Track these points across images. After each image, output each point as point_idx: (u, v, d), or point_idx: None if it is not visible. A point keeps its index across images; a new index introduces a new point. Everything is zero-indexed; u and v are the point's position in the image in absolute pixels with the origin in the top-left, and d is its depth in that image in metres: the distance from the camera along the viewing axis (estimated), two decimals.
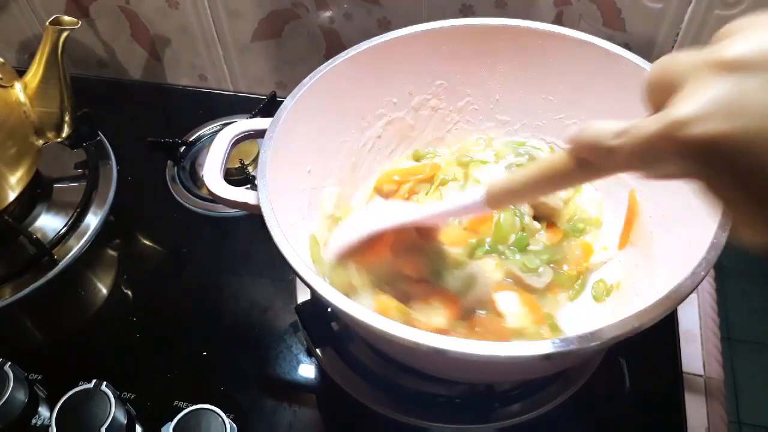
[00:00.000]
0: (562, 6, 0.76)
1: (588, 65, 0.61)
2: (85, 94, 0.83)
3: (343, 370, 0.61)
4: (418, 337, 0.39)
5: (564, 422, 0.59)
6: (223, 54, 0.94)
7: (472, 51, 0.65)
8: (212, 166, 0.55)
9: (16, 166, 0.74)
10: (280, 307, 0.70)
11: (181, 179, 0.85)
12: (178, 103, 0.99)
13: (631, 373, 0.63)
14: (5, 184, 0.73)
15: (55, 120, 0.77)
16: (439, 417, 0.58)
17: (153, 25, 0.93)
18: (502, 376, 0.57)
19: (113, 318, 0.70)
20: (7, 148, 0.72)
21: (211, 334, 0.68)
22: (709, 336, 0.66)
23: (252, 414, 0.61)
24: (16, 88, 0.74)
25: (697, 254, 0.43)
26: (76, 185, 0.83)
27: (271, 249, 0.46)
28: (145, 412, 0.61)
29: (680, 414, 0.59)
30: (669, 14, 0.72)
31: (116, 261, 0.77)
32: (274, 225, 0.47)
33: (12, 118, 0.73)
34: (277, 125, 0.55)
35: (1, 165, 0.72)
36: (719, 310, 0.70)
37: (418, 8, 0.80)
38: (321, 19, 0.85)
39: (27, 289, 0.71)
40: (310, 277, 0.44)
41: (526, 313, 0.54)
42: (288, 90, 0.60)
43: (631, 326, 0.39)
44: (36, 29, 0.98)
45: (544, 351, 0.38)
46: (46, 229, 0.78)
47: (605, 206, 0.64)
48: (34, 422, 0.60)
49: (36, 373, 0.64)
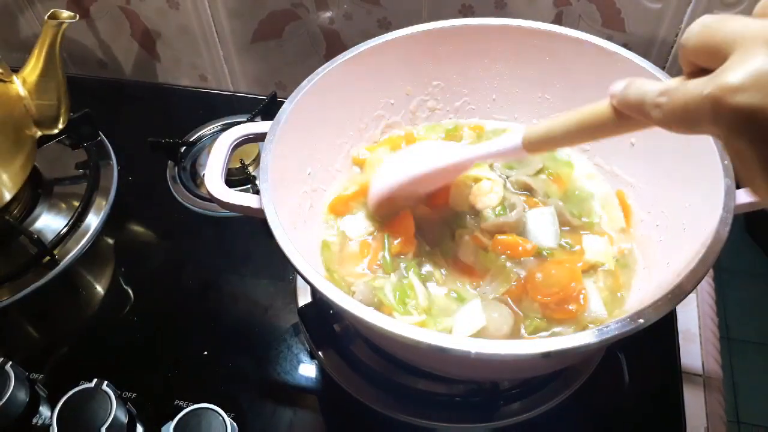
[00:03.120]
0: (561, 6, 0.76)
1: (588, 65, 0.61)
2: (85, 94, 0.83)
3: (345, 371, 0.61)
4: (419, 334, 0.40)
5: (563, 421, 0.59)
6: (224, 54, 0.94)
7: (471, 51, 0.66)
8: (213, 171, 0.55)
9: (15, 160, 0.74)
10: (280, 307, 0.70)
11: (181, 179, 0.85)
12: (179, 104, 0.99)
13: (631, 372, 0.63)
14: (4, 180, 0.73)
15: (53, 112, 0.78)
16: (440, 416, 0.58)
17: (153, 26, 0.93)
18: (503, 373, 0.57)
19: (114, 318, 0.70)
20: (9, 142, 0.73)
21: (211, 333, 0.68)
22: (708, 335, 0.66)
23: (252, 413, 0.61)
24: (16, 82, 0.75)
25: (698, 250, 0.43)
26: (76, 185, 0.83)
27: (271, 249, 0.46)
28: (145, 412, 0.61)
29: (679, 413, 0.59)
30: (668, 14, 0.72)
31: (117, 261, 0.77)
32: (277, 227, 0.48)
33: (14, 113, 0.73)
34: (276, 129, 0.55)
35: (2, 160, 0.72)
36: (718, 309, 0.70)
37: (418, 8, 0.80)
38: (321, 19, 0.85)
39: (28, 289, 0.72)
40: (313, 278, 0.44)
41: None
42: (288, 90, 0.60)
43: (634, 323, 0.39)
44: (36, 29, 0.98)
45: (544, 349, 0.38)
46: (46, 229, 0.78)
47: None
48: (35, 422, 0.60)
49: (37, 373, 0.64)
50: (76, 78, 1.00)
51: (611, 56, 0.59)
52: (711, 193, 0.47)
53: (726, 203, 0.45)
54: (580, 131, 0.41)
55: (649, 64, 0.57)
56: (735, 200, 0.46)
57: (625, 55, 0.58)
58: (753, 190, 0.30)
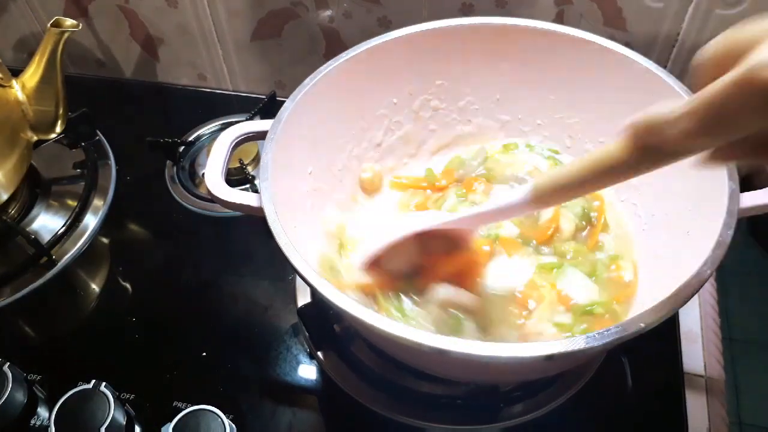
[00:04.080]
0: (562, 5, 0.76)
1: (589, 64, 0.61)
2: (83, 93, 0.83)
3: (345, 372, 0.61)
4: (419, 337, 0.39)
5: (565, 422, 0.59)
6: (223, 53, 0.94)
7: (473, 50, 0.65)
8: (213, 169, 0.55)
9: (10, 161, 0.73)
10: (280, 307, 0.69)
11: (180, 179, 0.84)
12: (178, 103, 0.99)
13: (633, 373, 0.63)
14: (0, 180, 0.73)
15: (51, 118, 0.78)
16: (441, 418, 0.58)
17: (152, 25, 0.93)
18: (504, 376, 0.57)
19: (112, 318, 0.70)
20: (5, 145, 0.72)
21: (210, 334, 0.67)
22: (710, 336, 0.66)
23: (252, 415, 0.61)
24: (15, 86, 0.75)
25: (702, 253, 0.43)
26: (74, 185, 0.83)
27: (270, 249, 0.46)
28: (144, 413, 0.60)
29: (681, 414, 0.59)
30: (670, 14, 0.72)
31: (115, 261, 0.76)
32: (277, 227, 0.47)
33: (12, 117, 0.73)
34: (277, 127, 0.55)
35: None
36: (720, 310, 0.69)
37: (419, 7, 0.79)
38: (321, 18, 0.85)
39: (26, 290, 0.71)
40: (313, 278, 0.44)
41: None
42: (287, 90, 0.60)
43: (636, 326, 0.38)
44: (35, 28, 0.98)
45: (547, 351, 0.38)
46: (44, 229, 0.78)
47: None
48: (33, 423, 0.59)
49: (35, 374, 0.63)
50: (75, 77, 0.99)
51: (613, 55, 0.59)
52: (715, 197, 0.46)
53: (730, 207, 0.45)
54: (597, 175, 0.37)
55: (651, 63, 0.57)
56: (739, 204, 0.45)
57: (627, 54, 0.58)
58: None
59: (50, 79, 0.76)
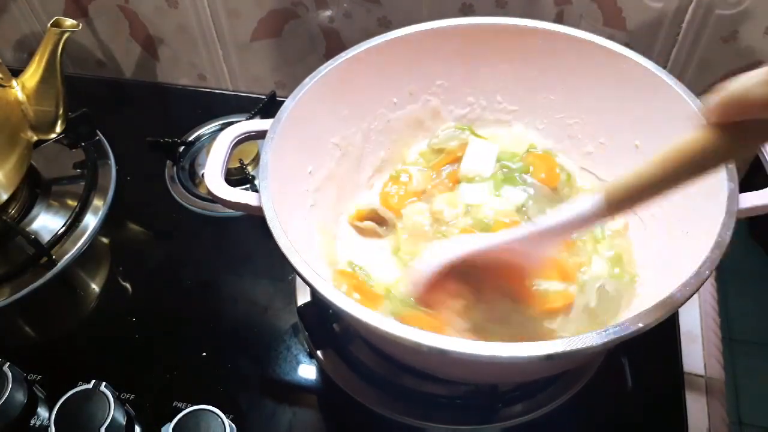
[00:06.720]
0: (562, 5, 0.76)
1: (589, 64, 0.61)
2: (83, 93, 0.83)
3: (344, 372, 0.61)
4: (419, 337, 0.39)
5: (565, 423, 0.59)
6: (223, 53, 0.94)
7: (473, 50, 0.65)
8: (213, 168, 0.55)
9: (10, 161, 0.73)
10: (279, 307, 0.69)
11: (180, 179, 0.84)
12: (178, 103, 0.99)
13: (633, 373, 0.63)
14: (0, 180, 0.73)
15: (51, 118, 0.78)
16: (440, 418, 0.58)
17: (152, 25, 0.93)
18: (504, 377, 0.57)
19: (112, 318, 0.70)
20: (5, 145, 0.72)
21: (210, 334, 0.67)
22: (710, 336, 0.66)
23: (251, 415, 0.61)
24: (15, 87, 0.75)
25: (701, 253, 0.43)
26: (74, 185, 0.82)
27: (270, 249, 0.46)
28: (144, 413, 0.60)
29: (681, 414, 0.59)
30: (670, 14, 0.72)
31: (115, 261, 0.76)
32: (276, 227, 0.47)
33: (12, 117, 0.73)
34: (277, 126, 0.55)
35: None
36: (720, 310, 0.69)
37: (418, 7, 0.79)
38: (321, 18, 0.85)
39: (26, 290, 0.71)
40: (312, 277, 0.44)
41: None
42: (288, 89, 0.60)
43: (636, 326, 0.38)
44: (35, 27, 0.98)
45: (546, 351, 0.38)
46: (44, 229, 0.78)
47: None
48: (33, 423, 0.59)
49: (35, 374, 0.63)
50: (74, 77, 0.99)
51: (613, 56, 0.59)
52: (714, 197, 0.46)
53: (729, 207, 0.45)
54: (679, 171, 0.33)
55: (651, 63, 0.57)
56: (738, 204, 0.45)
57: (627, 55, 0.58)
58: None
59: (50, 79, 0.76)
